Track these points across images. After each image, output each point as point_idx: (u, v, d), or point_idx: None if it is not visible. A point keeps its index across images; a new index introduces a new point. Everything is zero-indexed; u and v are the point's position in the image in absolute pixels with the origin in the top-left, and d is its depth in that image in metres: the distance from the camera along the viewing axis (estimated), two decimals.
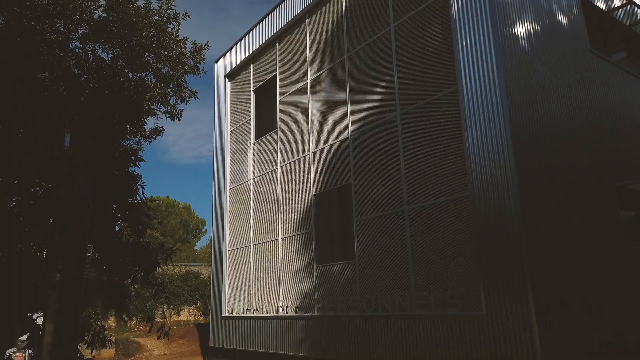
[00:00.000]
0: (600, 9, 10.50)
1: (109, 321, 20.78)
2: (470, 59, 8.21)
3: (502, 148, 7.50)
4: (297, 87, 12.68)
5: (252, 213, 13.75)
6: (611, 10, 10.73)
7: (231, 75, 16.03)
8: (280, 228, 12.42)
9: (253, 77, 14.86)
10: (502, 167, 7.45)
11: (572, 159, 8.45)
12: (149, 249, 5.79)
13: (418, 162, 8.99)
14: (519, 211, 7.11)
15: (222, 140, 15.72)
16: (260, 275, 12.99)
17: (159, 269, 6.46)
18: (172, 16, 6.77)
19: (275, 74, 13.71)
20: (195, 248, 44.48)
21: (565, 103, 8.70)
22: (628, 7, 11.04)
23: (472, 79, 8.12)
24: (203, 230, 44.93)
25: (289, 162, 12.52)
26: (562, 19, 9.39)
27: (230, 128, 15.61)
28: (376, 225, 9.65)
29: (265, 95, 14.31)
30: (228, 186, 15.16)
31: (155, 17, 6.61)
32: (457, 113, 8.35)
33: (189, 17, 7.05)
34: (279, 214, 12.53)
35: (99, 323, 6.56)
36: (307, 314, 10.99)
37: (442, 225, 8.37)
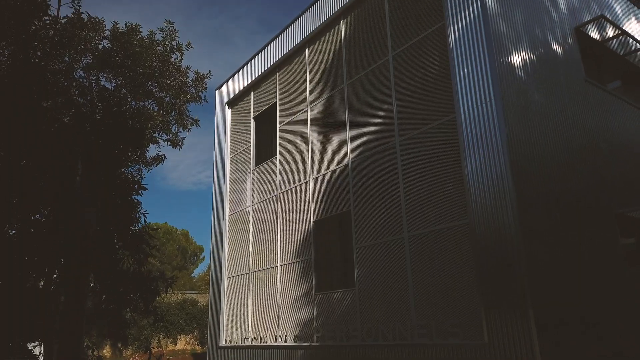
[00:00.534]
0: (594, 39, 10.73)
1: (104, 350, 20.42)
2: (468, 87, 8.34)
3: (501, 174, 7.55)
4: (297, 114, 12.82)
5: (251, 240, 13.70)
6: (605, 41, 10.95)
7: (232, 102, 16.20)
8: (279, 255, 12.36)
9: (253, 105, 15.02)
10: (502, 194, 7.48)
11: (570, 185, 8.50)
12: (149, 277, 5.76)
13: (417, 189, 9.03)
14: (518, 237, 7.11)
15: (222, 166, 15.78)
16: (258, 304, 12.85)
17: (157, 297, 6.42)
18: (175, 47, 6.93)
19: (275, 102, 13.87)
20: (192, 275, 44.07)
21: (562, 130, 8.80)
22: (621, 37, 11.28)
23: (470, 107, 8.23)
24: (201, 257, 44.64)
25: (288, 188, 12.55)
26: (557, 48, 9.58)
27: (230, 155, 15.69)
28: (376, 252, 9.61)
29: (265, 122, 14.44)
30: (227, 212, 15.14)
31: (159, 48, 6.76)
32: (456, 140, 8.44)
33: (191, 47, 7.21)
34: (278, 240, 12.49)
35: (95, 353, 6.46)
36: (306, 343, 10.83)
37: (443, 252, 8.34)
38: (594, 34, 10.75)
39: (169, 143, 6.84)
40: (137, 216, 6.02)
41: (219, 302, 14.36)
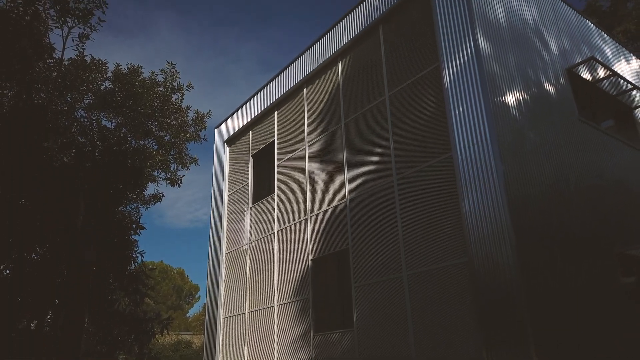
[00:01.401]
0: (585, 79, 10.98)
1: None
2: (463, 126, 8.47)
3: (499, 212, 7.56)
4: (295, 152, 12.92)
5: (247, 279, 13.52)
6: (596, 81, 11.21)
7: (230, 140, 16.35)
8: (276, 294, 12.17)
9: (252, 143, 15.16)
10: (500, 231, 7.47)
11: (568, 222, 8.50)
12: (145, 318, 5.65)
13: (416, 227, 9.00)
14: (518, 275, 7.04)
15: (220, 204, 15.76)
16: (255, 345, 12.55)
17: (152, 340, 6.27)
18: (176, 87, 7.05)
19: (274, 140, 14.01)
20: (187, 315, 43.20)
21: (558, 168, 8.87)
22: (612, 78, 11.54)
23: (467, 146, 8.32)
24: (196, 296, 43.92)
25: (286, 226, 12.50)
26: (550, 88, 9.79)
27: (228, 192, 15.69)
28: (375, 291, 9.48)
29: (263, 160, 14.53)
30: (224, 251, 15.00)
31: (160, 88, 6.89)
32: (453, 179, 8.49)
33: (192, 87, 7.34)
34: (275, 279, 12.33)
35: None
36: None
37: (442, 290, 8.24)
38: (586, 75, 11.01)
39: (168, 181, 6.87)
40: (134, 255, 5.96)
41: (214, 344, 14.02)
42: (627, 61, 13.29)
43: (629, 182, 10.73)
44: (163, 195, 6.79)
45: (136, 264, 5.94)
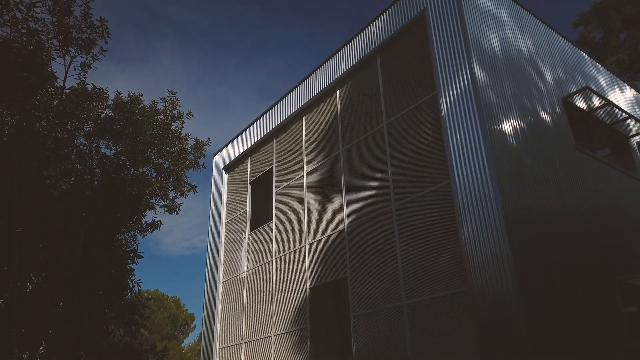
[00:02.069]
0: (581, 108, 11.12)
1: None
2: (461, 154, 8.51)
3: (498, 241, 7.53)
4: (293, 179, 12.93)
5: (244, 308, 13.33)
6: (592, 110, 11.35)
7: (228, 168, 16.38)
8: (273, 324, 11.98)
9: (250, 170, 15.18)
10: (499, 260, 7.42)
11: (568, 250, 8.46)
12: (140, 350, 5.53)
13: (415, 255, 8.94)
14: (519, 303, 6.97)
15: (217, 231, 15.66)
16: None
17: None
18: (176, 115, 7.09)
19: (272, 167, 14.04)
20: (182, 345, 42.38)
21: (556, 196, 8.89)
22: (607, 107, 11.68)
23: (465, 174, 8.35)
24: (192, 325, 43.19)
25: (284, 254, 12.40)
26: (546, 117, 9.90)
27: (226, 219, 15.62)
28: (374, 320, 9.35)
29: (262, 187, 14.53)
30: (221, 279, 14.83)
31: (160, 116, 6.92)
32: (452, 206, 8.48)
33: (192, 115, 7.39)
34: (273, 308, 12.16)
35: None
36: None
37: (442, 320, 8.13)
38: (581, 104, 11.16)
39: (166, 209, 6.84)
40: (131, 285, 5.88)
41: None
42: (622, 90, 13.49)
43: (626, 210, 10.74)
44: (161, 223, 6.77)
45: (132, 292, 5.86)
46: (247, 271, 13.75)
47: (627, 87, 14.03)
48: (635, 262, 9.94)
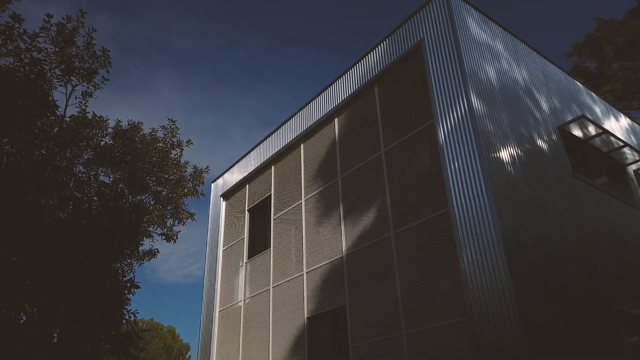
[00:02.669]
0: (577, 137, 11.22)
1: None
2: (459, 182, 8.53)
3: (497, 269, 7.47)
4: (291, 207, 12.90)
5: (241, 338, 13.09)
6: (588, 139, 11.45)
7: (227, 195, 16.35)
8: (270, 354, 11.74)
9: (248, 197, 15.16)
10: (500, 288, 7.34)
11: (568, 278, 8.39)
12: None
13: (414, 284, 8.85)
14: (520, 333, 6.86)
15: (214, 259, 15.52)
16: None
17: None
18: (176, 143, 7.12)
19: (270, 194, 14.03)
20: None
21: (555, 224, 8.87)
22: (603, 135, 11.79)
23: (463, 201, 8.35)
24: (187, 356, 42.33)
25: (281, 282, 12.27)
26: (543, 145, 9.97)
27: (223, 247, 15.51)
28: (374, 351, 9.17)
29: (260, 214, 14.48)
30: (217, 308, 14.62)
31: (160, 144, 6.94)
32: (451, 234, 8.45)
33: (191, 143, 7.41)
34: (270, 338, 11.94)
35: None
36: None
37: (443, 350, 7.98)
38: (577, 132, 11.26)
39: (164, 237, 6.79)
40: (127, 315, 5.78)
41: None
42: (617, 119, 13.65)
43: (625, 238, 10.72)
44: (158, 252, 6.69)
45: (128, 322, 5.75)
46: (244, 300, 13.57)
47: (622, 115, 14.20)
48: (636, 291, 9.85)
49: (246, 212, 14.98)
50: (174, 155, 6.85)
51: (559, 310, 7.74)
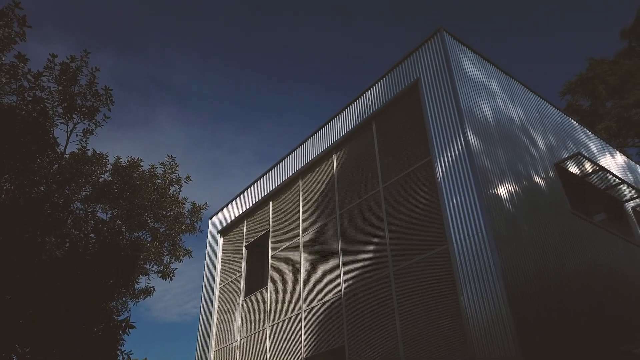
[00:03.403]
0: (574, 174, 11.28)
1: None
2: (458, 218, 8.52)
3: (499, 306, 7.36)
4: (289, 243, 12.81)
5: None
6: (585, 176, 11.51)
7: (224, 231, 16.26)
8: None
9: (246, 233, 15.07)
10: (501, 326, 7.21)
11: (570, 316, 8.25)
12: None
13: (414, 322, 8.69)
14: None
15: (210, 297, 15.27)
16: None
17: None
18: (174, 179, 7.13)
19: (268, 230, 13.95)
20: None
21: (555, 261, 8.80)
22: (600, 172, 11.86)
23: (462, 238, 8.31)
24: None
25: (279, 321, 12.03)
26: (540, 182, 10.02)
27: (220, 285, 15.29)
28: None
29: (257, 251, 14.36)
30: (213, 348, 14.28)
31: (159, 181, 6.96)
32: (450, 271, 8.37)
33: (190, 180, 7.43)
34: None
35: None
36: None
37: None
38: (574, 169, 11.34)
39: (160, 275, 6.71)
40: (120, 357, 5.63)
41: None
42: (612, 156, 13.77)
43: (625, 275, 10.61)
44: (154, 289, 6.60)
45: None
46: (241, 340, 13.27)
47: (618, 153, 14.34)
48: (637, 328, 9.67)
49: (244, 248, 14.86)
50: (173, 191, 6.86)
51: (561, 347, 7.59)
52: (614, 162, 13.52)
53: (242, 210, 15.38)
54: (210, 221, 17.30)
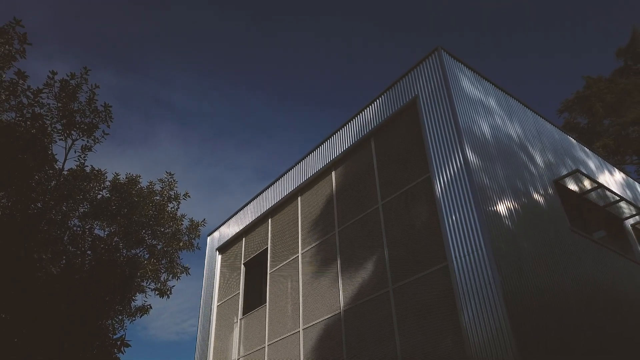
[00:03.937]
0: (573, 191, 11.27)
1: None
2: (457, 235, 8.47)
3: (499, 324, 7.27)
4: (288, 260, 12.72)
5: None
6: (584, 193, 11.50)
7: (222, 248, 16.16)
8: None
9: (244, 251, 14.97)
10: (502, 341, 7.13)
11: (570, 331, 8.16)
12: None
13: (414, 341, 8.58)
14: None
15: (208, 316, 15.10)
16: None
17: None
18: (173, 196, 7.11)
19: (267, 247, 13.86)
20: None
21: (555, 278, 8.73)
22: (599, 190, 11.85)
23: (462, 255, 8.26)
24: None
25: (277, 339, 11.88)
26: (539, 199, 10.00)
27: (217, 302, 15.13)
28: None
29: (256, 268, 14.25)
30: None
31: (157, 197, 6.93)
32: (450, 288, 8.29)
33: (189, 196, 7.40)
34: None
35: None
36: None
37: None
38: (573, 186, 11.33)
39: (157, 292, 6.64)
40: None
41: None
42: (611, 173, 13.78)
43: (625, 292, 10.53)
44: (150, 307, 6.51)
45: None
46: (238, 359, 13.08)
47: (616, 170, 14.36)
48: (638, 347, 9.56)
49: (242, 266, 14.75)
50: (171, 208, 6.83)
51: None
52: (612, 180, 13.53)
53: (241, 227, 15.31)
54: (208, 238, 17.20)
